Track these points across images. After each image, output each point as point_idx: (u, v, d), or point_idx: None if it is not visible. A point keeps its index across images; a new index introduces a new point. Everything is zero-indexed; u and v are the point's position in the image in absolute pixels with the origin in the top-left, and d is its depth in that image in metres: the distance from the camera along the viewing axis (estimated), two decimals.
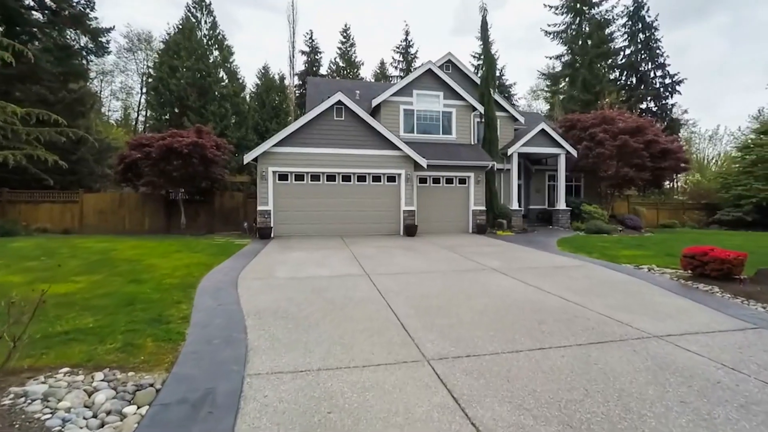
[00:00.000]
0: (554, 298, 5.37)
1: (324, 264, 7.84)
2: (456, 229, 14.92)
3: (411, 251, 9.75)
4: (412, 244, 11.05)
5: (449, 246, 10.77)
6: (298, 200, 13.08)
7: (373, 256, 8.84)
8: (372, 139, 13.46)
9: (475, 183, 14.96)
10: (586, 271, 7.42)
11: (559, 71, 35.74)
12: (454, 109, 15.90)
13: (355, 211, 13.53)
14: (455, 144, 15.82)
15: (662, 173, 17.23)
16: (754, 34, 53.73)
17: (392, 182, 13.83)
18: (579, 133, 18.19)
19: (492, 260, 8.42)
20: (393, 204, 13.79)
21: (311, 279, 6.46)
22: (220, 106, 27.12)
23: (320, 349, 3.55)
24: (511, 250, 10.12)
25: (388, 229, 13.71)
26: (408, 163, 13.71)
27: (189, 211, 14.73)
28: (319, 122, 13.09)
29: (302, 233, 12.99)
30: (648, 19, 36.69)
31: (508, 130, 18.56)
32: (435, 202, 14.78)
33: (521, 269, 7.48)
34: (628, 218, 17.18)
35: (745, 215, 20.71)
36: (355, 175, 13.53)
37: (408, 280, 6.48)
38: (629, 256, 9.28)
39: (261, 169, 12.62)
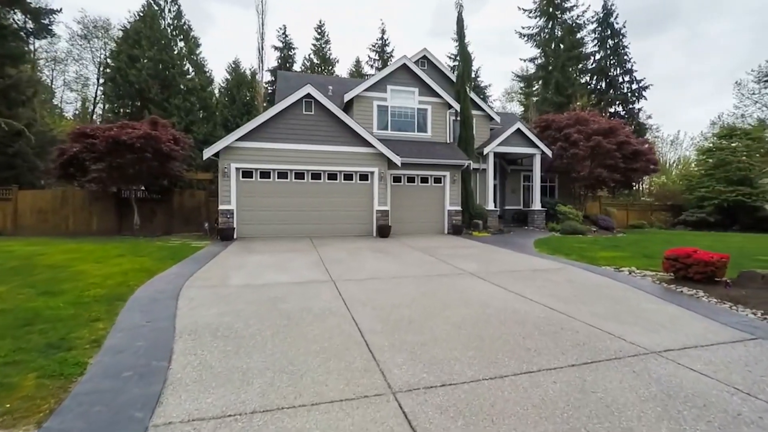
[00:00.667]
0: (537, 307, 4.87)
1: (286, 269, 7.08)
2: (431, 229, 14.43)
3: (383, 254, 9.13)
4: (384, 246, 10.43)
5: (424, 248, 10.22)
6: (264, 199, 12.20)
7: (341, 260, 8.15)
8: (343, 136, 12.75)
9: (450, 182, 14.53)
10: (567, 274, 7.02)
11: (533, 73, 36.21)
12: (430, 107, 15.42)
13: (326, 211, 12.77)
14: (431, 142, 15.35)
15: (633, 174, 17.46)
16: (708, 48, 57.89)
17: (365, 181, 13.17)
18: (554, 134, 18.16)
19: (469, 263, 7.92)
20: (366, 204, 13.13)
21: (269, 287, 5.70)
22: (185, 99, 25.62)
23: (261, 379, 2.84)
24: (488, 252, 9.67)
25: (361, 230, 13.04)
26: (381, 161, 13.09)
27: (144, 211, 13.51)
28: (286, 116, 12.26)
29: (268, 234, 12.11)
30: (616, 26, 37.78)
31: (484, 130, 18.30)
32: (410, 201, 14.24)
33: (500, 273, 7.00)
34: (601, 219, 17.27)
35: (708, 216, 21.42)
36: (325, 173, 12.78)
37: (378, 287, 5.84)
38: (607, 257, 9.02)
39: (223, 166, 11.64)
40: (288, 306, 4.72)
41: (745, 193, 20.49)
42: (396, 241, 11.57)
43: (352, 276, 6.55)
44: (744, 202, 20.54)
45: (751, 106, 24.04)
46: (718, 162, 22.09)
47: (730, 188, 20.77)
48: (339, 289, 5.63)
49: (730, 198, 20.47)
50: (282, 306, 4.71)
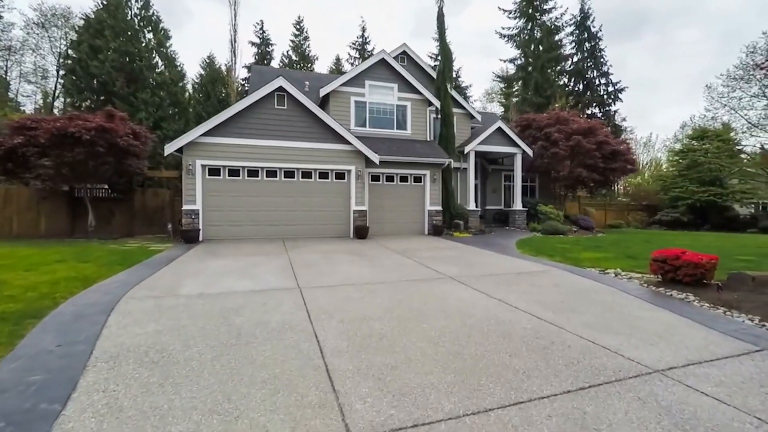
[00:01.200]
0: (524, 316, 4.40)
1: (250, 275, 6.40)
2: (411, 230, 13.93)
3: (359, 257, 8.54)
4: (361, 248, 9.84)
5: (403, 250, 9.69)
6: (233, 198, 11.40)
7: (313, 264, 7.51)
8: (319, 132, 12.09)
9: (431, 181, 14.08)
10: (553, 277, 6.62)
11: (513, 74, 36.38)
12: (409, 103, 14.94)
13: (300, 211, 12.08)
14: (410, 140, 14.87)
15: (612, 174, 17.52)
16: (677, 53, 60.40)
17: (341, 179, 12.55)
18: (534, 133, 18.02)
19: (449, 266, 7.43)
20: (342, 203, 12.51)
21: (225, 296, 5.02)
22: (153, 94, 24.32)
23: (182, 425, 2.22)
24: (469, 254, 9.23)
25: (337, 231, 12.41)
26: (359, 159, 12.50)
27: (101, 211, 12.44)
28: (257, 110, 11.50)
29: (237, 236, 11.33)
30: (593, 29, 38.49)
31: (465, 128, 17.98)
32: (388, 201, 13.71)
33: (482, 277, 6.53)
34: (581, 219, 17.21)
35: (681, 216, 21.83)
36: (299, 171, 12.09)
37: (349, 294, 5.25)
38: (591, 258, 8.72)
39: (187, 162, 10.79)
40: (242, 320, 4.08)
41: (716, 193, 20.96)
42: (374, 243, 11.00)
43: (322, 282, 5.94)
44: (715, 202, 21.01)
45: (721, 109, 24.69)
46: (690, 163, 22.56)
47: (702, 189, 21.21)
48: (305, 297, 5.01)
49: (703, 198, 20.90)
50: (235, 320, 4.07)
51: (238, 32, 34.43)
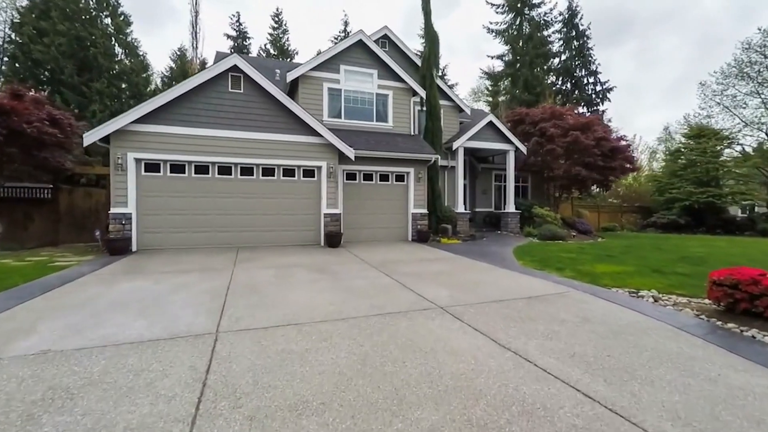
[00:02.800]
0: (562, 392, 2.67)
1: (158, 307, 4.51)
2: (392, 236, 12.18)
3: (323, 274, 6.72)
4: (329, 261, 8.02)
5: (380, 262, 7.91)
6: (178, 200, 9.42)
7: (258, 286, 5.66)
8: (283, 121, 10.23)
9: (415, 180, 12.36)
10: (576, 305, 4.95)
11: (502, 70, 35.15)
12: (391, 92, 13.20)
13: (261, 214, 10.17)
14: (392, 133, 13.13)
15: (611, 173, 16.18)
16: (658, 60, 61.66)
17: (310, 178, 10.70)
18: (528, 128, 16.55)
19: (438, 288, 5.69)
20: (312, 206, 10.66)
21: (79, 356, 3.13)
22: (110, 84, 21.93)
23: None
24: (462, 268, 7.51)
25: (305, 239, 10.55)
26: (331, 154, 10.68)
27: (15, 215, 10.26)
28: (207, 94, 9.56)
29: (183, 245, 9.36)
30: (581, 27, 37.68)
31: (453, 123, 16.37)
32: (367, 203, 11.92)
33: (483, 306, 4.80)
34: (579, 222, 15.80)
35: (678, 218, 20.75)
36: (259, 167, 10.18)
37: (288, 346, 3.44)
38: (609, 273, 7.12)
39: (115, 156, 8.76)
40: (62, 423, 2.21)
41: (714, 194, 19.94)
42: (347, 253, 9.19)
43: (258, 320, 4.11)
44: (714, 203, 20.00)
45: (715, 107, 23.86)
46: (687, 162, 21.56)
47: (700, 189, 20.18)
48: (215, 355, 3.18)
49: (701, 199, 19.85)
50: (44, 421, 2.21)
51: (200, 13, 31.90)
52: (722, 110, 23.57)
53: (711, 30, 55.02)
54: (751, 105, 23.40)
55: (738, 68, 22.20)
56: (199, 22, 30.17)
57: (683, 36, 59.68)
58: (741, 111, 23.50)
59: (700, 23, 56.75)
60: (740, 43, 22.11)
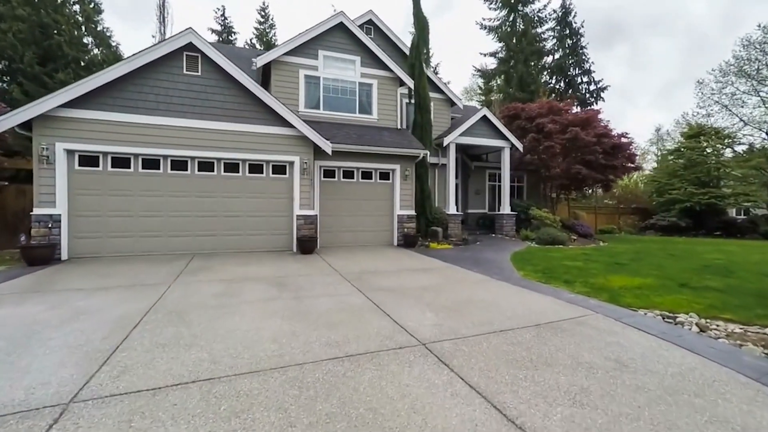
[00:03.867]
0: None
1: (16, 350, 3.17)
2: (376, 240, 10.91)
3: (284, 290, 5.42)
4: (296, 272, 6.72)
5: (357, 273, 6.65)
6: (120, 198, 8.04)
7: (186, 312, 4.34)
8: (250, 110, 8.92)
9: (402, 178, 11.12)
10: (602, 338, 3.73)
11: (495, 68, 34.17)
12: (376, 81, 11.96)
13: (222, 216, 8.83)
14: (376, 127, 11.88)
15: (613, 172, 15.13)
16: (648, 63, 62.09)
17: (281, 174, 9.39)
18: (524, 124, 15.44)
19: (422, 311, 4.45)
20: (282, 206, 9.35)
21: None
22: (76, 75, 20.31)
23: None
24: (453, 281, 6.28)
25: (275, 244, 9.23)
26: (305, 148, 9.39)
27: None
28: (157, 75, 8.20)
29: (126, 252, 7.98)
30: (575, 25, 36.94)
31: (444, 117, 15.20)
32: (347, 204, 10.64)
33: (480, 341, 3.56)
34: (578, 225, 14.71)
35: (679, 220, 19.85)
36: (221, 162, 8.85)
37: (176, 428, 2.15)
38: (628, 288, 5.94)
39: (39, 146, 7.35)
40: None
41: (716, 195, 19.07)
42: (320, 261, 7.89)
43: (154, 372, 2.81)
44: (716, 205, 19.13)
45: (713, 105, 23.10)
46: (687, 162, 20.70)
47: (701, 190, 19.30)
48: None
49: (703, 200, 18.96)
50: None
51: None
52: (721, 109, 22.80)
53: (698, 35, 55.75)
54: (749, 103, 22.68)
55: (737, 66, 21.43)
56: (167, 7, 28.37)
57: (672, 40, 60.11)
58: (740, 110, 22.76)
59: (688, 28, 57.43)
60: (740, 39, 21.36)
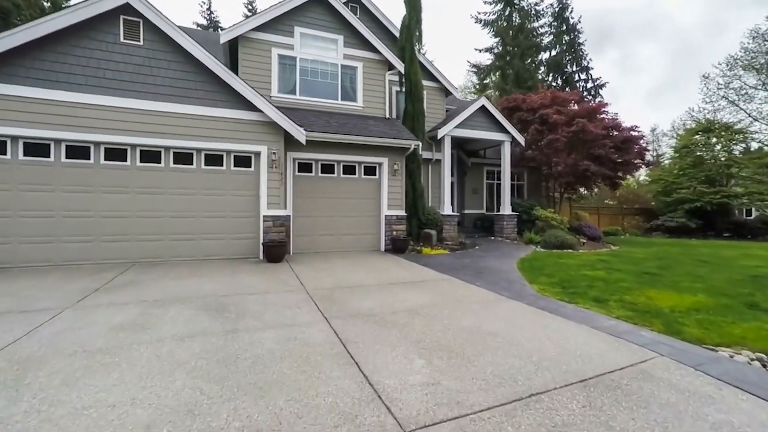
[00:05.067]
0: None
1: None
2: (360, 244, 9.44)
3: (218, 318, 3.92)
4: (249, 288, 5.22)
5: (329, 290, 5.16)
6: (36, 195, 6.48)
7: (46, 359, 2.83)
8: (207, 89, 7.41)
9: (390, 174, 9.66)
10: (692, 407, 2.30)
11: (491, 63, 32.96)
12: (361, 64, 10.50)
13: (171, 216, 7.30)
14: (361, 116, 10.42)
15: (624, 168, 13.82)
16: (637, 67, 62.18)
17: (245, 168, 7.88)
18: (526, 116, 14.09)
19: (410, 355, 2.99)
20: (247, 204, 7.84)
21: None
22: None
23: None
24: (451, 301, 4.81)
25: (237, 249, 7.71)
26: (274, 136, 7.90)
27: None
28: (86, 43, 6.67)
29: (41, 260, 6.42)
30: (572, 21, 35.93)
31: (438, 108, 13.79)
32: (326, 202, 9.15)
33: (502, 422, 2.09)
34: (585, 226, 13.36)
35: (689, 221, 18.64)
36: (169, 152, 7.31)
37: None
38: (684, 311, 4.52)
39: None
40: None
41: (729, 194, 17.90)
42: (286, 273, 6.39)
43: None
44: (728, 205, 17.96)
45: (719, 100, 22.03)
46: (696, 160, 19.53)
47: (713, 189, 18.12)
48: None
49: (714, 200, 17.76)
50: None
51: None
52: (728, 104, 21.72)
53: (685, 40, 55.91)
54: (756, 98, 21.62)
55: (747, 59, 20.34)
56: None
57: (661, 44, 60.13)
58: (747, 105, 21.70)
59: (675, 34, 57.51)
60: (749, 31, 20.30)
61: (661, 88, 64.98)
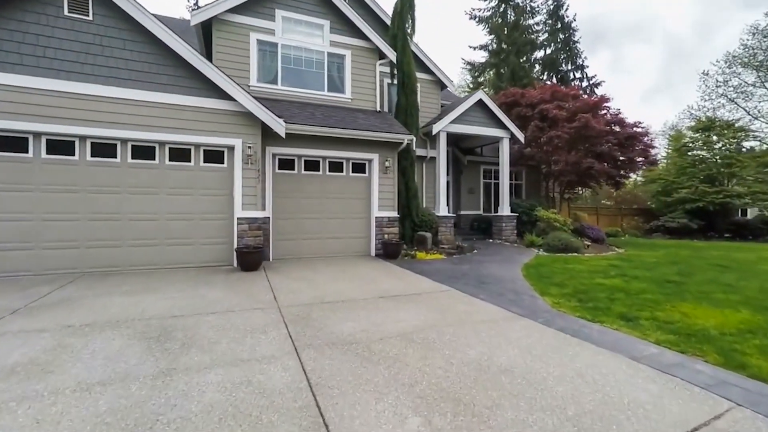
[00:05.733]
0: None
1: None
2: (348, 249, 8.57)
3: (154, 352, 3.02)
4: (209, 306, 4.32)
5: (306, 308, 4.29)
6: None
7: None
8: (171, 74, 6.49)
9: (381, 171, 8.82)
10: None
11: (486, 60, 32.33)
12: (349, 52, 9.64)
13: (130, 219, 6.37)
14: (349, 108, 9.56)
15: (629, 166, 13.13)
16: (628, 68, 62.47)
17: (216, 163, 6.97)
18: (525, 111, 13.35)
19: (402, 409, 2.12)
20: (219, 205, 6.93)
21: None
22: None
23: None
24: (454, 322, 3.97)
25: (207, 256, 6.80)
26: (250, 128, 7.00)
27: None
28: (20, 16, 5.72)
29: None
30: (567, 19, 35.51)
31: (433, 103, 12.98)
32: (310, 203, 8.27)
33: None
34: (588, 228, 12.64)
35: (690, 222, 18.08)
36: (127, 145, 6.38)
37: None
38: (735, 333, 3.74)
39: None
40: None
41: (732, 194, 17.36)
42: (260, 284, 5.50)
43: None
44: (731, 205, 17.43)
45: (718, 98, 21.58)
46: (696, 159, 19.00)
47: (715, 189, 17.58)
48: None
49: (717, 200, 17.21)
50: None
51: None
52: (728, 102, 21.25)
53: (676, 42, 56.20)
54: (755, 96, 21.19)
55: (746, 56, 19.88)
56: None
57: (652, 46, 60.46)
58: (746, 103, 21.26)
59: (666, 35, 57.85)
60: (748, 27, 19.85)
61: (652, 89, 65.25)
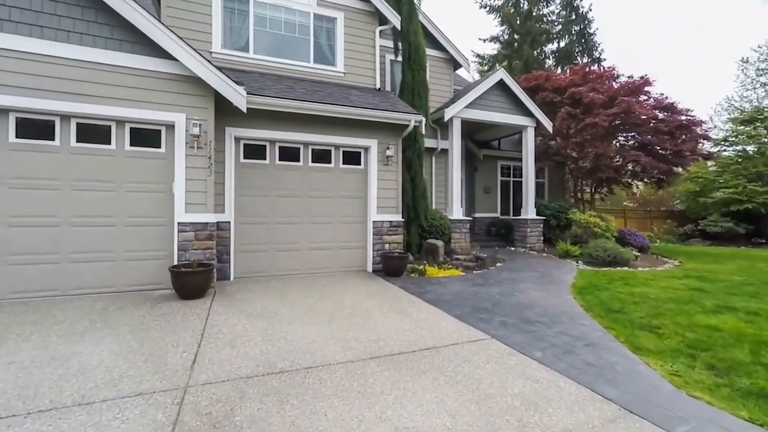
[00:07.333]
0: None
1: None
2: (337, 264, 6.58)
3: None
4: (65, 389, 2.34)
5: (237, 389, 2.28)
6: None
7: None
8: (82, 18, 4.58)
9: (380, 162, 6.83)
10: None
11: (497, 53, 30.34)
12: (342, 14, 7.69)
13: (6, 225, 4.43)
14: (341, 84, 7.60)
15: (682, 161, 11.00)
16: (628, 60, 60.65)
17: (149, 147, 5.02)
18: (551, 97, 11.30)
19: None
20: (154, 205, 4.98)
21: None
22: None
23: None
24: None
25: (134, 277, 4.85)
26: (198, 98, 5.06)
27: None
28: None
29: None
30: (582, 10, 33.46)
31: (444, 84, 11.00)
32: (287, 203, 6.30)
33: None
34: (629, 234, 10.55)
35: (736, 226, 15.88)
36: (6, 116, 4.46)
37: None
38: None
39: None
40: None
41: None
42: (185, 331, 3.53)
43: None
44: None
45: (758, 88, 19.36)
46: (742, 154, 16.81)
47: (766, 188, 15.38)
48: None
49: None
50: None
51: None
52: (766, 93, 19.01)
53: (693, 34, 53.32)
54: None
55: None
56: None
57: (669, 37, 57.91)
58: None
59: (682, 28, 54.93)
60: None
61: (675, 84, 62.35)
